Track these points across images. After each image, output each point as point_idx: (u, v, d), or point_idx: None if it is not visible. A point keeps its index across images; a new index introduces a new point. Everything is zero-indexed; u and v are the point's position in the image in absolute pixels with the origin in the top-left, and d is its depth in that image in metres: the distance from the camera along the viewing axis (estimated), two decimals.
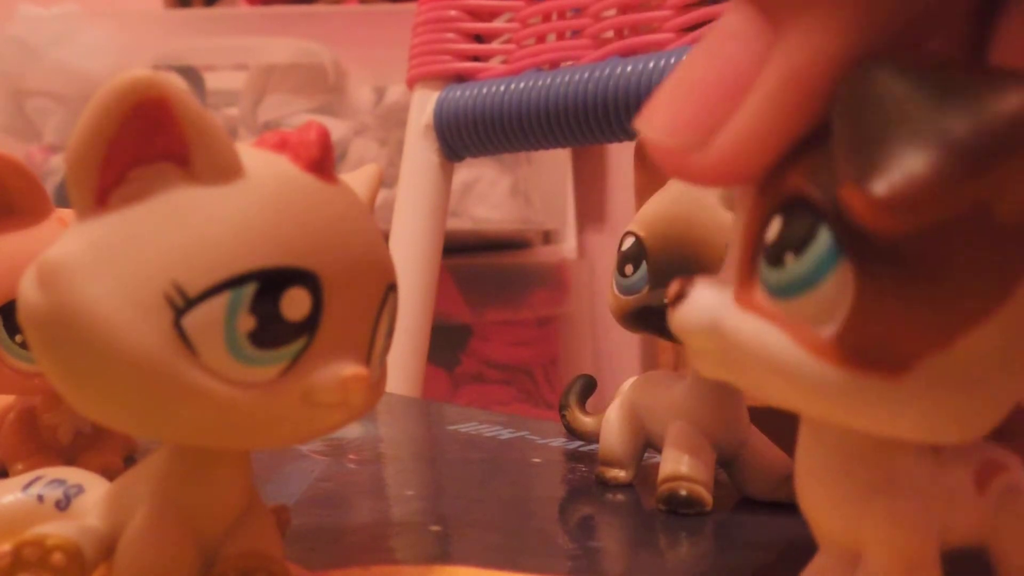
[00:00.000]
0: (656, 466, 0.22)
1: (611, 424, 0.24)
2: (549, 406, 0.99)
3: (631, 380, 0.25)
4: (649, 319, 0.21)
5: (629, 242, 0.22)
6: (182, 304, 0.12)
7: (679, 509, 0.21)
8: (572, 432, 0.28)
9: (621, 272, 0.22)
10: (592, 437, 0.27)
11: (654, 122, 0.12)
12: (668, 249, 0.21)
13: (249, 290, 0.12)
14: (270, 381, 0.13)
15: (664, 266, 0.21)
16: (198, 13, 1.05)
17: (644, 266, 0.21)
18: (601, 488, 0.24)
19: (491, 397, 0.98)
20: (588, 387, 0.28)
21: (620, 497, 0.23)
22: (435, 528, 0.20)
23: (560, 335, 1.04)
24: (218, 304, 0.12)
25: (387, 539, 0.19)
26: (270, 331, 0.13)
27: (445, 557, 0.18)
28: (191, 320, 0.12)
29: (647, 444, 0.24)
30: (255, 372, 0.13)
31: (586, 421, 0.28)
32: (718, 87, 0.11)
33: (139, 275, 0.12)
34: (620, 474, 0.24)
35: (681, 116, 0.12)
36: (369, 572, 0.17)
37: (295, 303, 0.13)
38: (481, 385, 0.99)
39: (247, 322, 0.12)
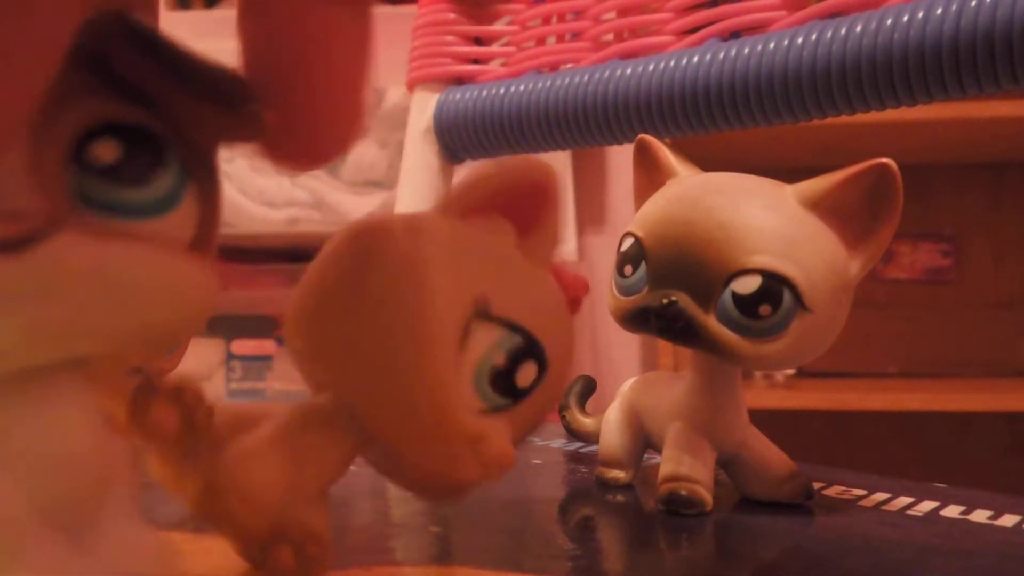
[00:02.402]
0: (656, 467, 0.22)
1: (611, 425, 0.24)
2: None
3: (630, 381, 0.25)
4: (648, 319, 0.21)
5: (628, 243, 0.22)
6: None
7: (679, 509, 0.21)
8: (572, 433, 0.28)
9: (620, 273, 0.22)
10: (592, 438, 0.27)
11: None
12: (667, 250, 0.21)
13: (517, 340, 0.14)
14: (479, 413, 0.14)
15: (663, 267, 0.21)
16: (198, 15, 1.06)
17: (643, 267, 0.21)
18: (601, 489, 0.24)
19: None
20: (588, 388, 0.28)
21: (620, 498, 0.23)
22: (435, 529, 0.20)
23: None
24: (492, 335, 0.14)
25: (387, 540, 0.19)
26: (506, 381, 0.14)
27: (445, 558, 0.18)
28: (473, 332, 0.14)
29: (647, 445, 0.24)
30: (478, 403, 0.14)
31: (586, 422, 0.28)
32: None
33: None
34: (620, 475, 0.24)
35: None
36: (370, 573, 0.17)
37: (527, 372, 0.14)
38: None
39: (498, 359, 0.14)
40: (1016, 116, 0.89)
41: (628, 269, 0.22)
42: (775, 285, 0.19)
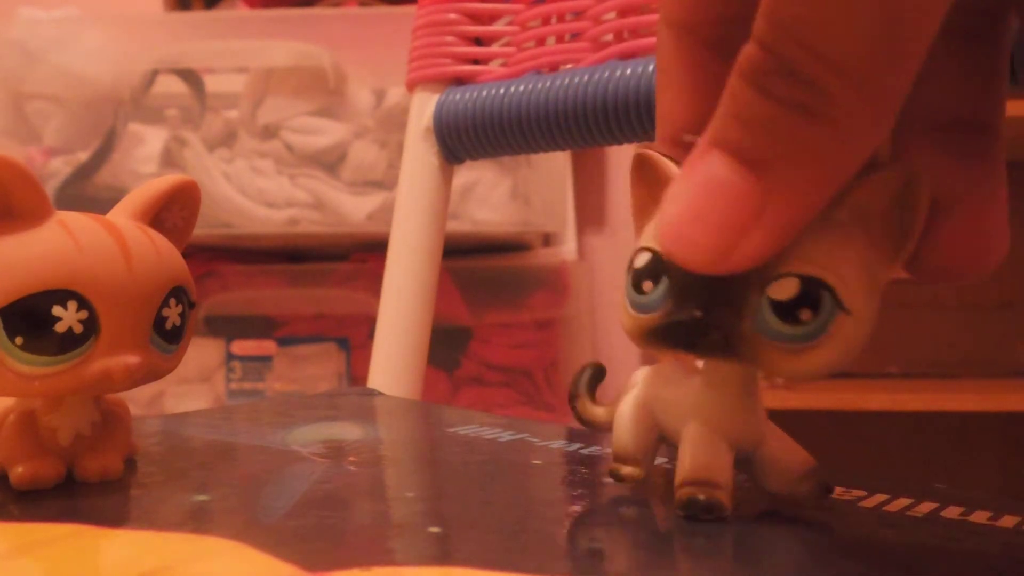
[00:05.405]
0: (662, 468, 0.22)
1: (624, 419, 0.23)
2: (549, 408, 0.99)
3: (643, 371, 0.24)
4: (678, 335, 0.20)
5: (645, 258, 0.21)
6: None
7: (699, 515, 0.21)
8: (583, 422, 0.27)
9: (638, 290, 0.21)
10: (604, 427, 0.26)
11: (688, 245, 0.18)
12: None
13: None
14: None
15: (688, 279, 0.19)
16: (198, 16, 1.06)
17: (664, 281, 0.20)
18: (601, 489, 0.24)
19: (491, 399, 0.98)
20: (597, 375, 0.28)
21: (621, 499, 0.23)
22: (435, 530, 0.20)
23: (560, 337, 1.04)
24: None
25: (387, 540, 0.19)
26: None
27: (445, 558, 0.18)
28: None
29: (661, 439, 0.23)
30: None
31: (598, 411, 0.27)
32: (731, 221, 0.17)
33: None
34: (635, 471, 0.23)
35: (710, 240, 0.18)
36: (369, 573, 0.17)
37: None
38: (481, 387, 0.99)
39: None
40: (1016, 116, 0.89)
41: (647, 285, 0.20)
42: (813, 288, 0.18)
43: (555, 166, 1.05)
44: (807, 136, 0.17)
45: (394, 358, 0.47)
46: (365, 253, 0.96)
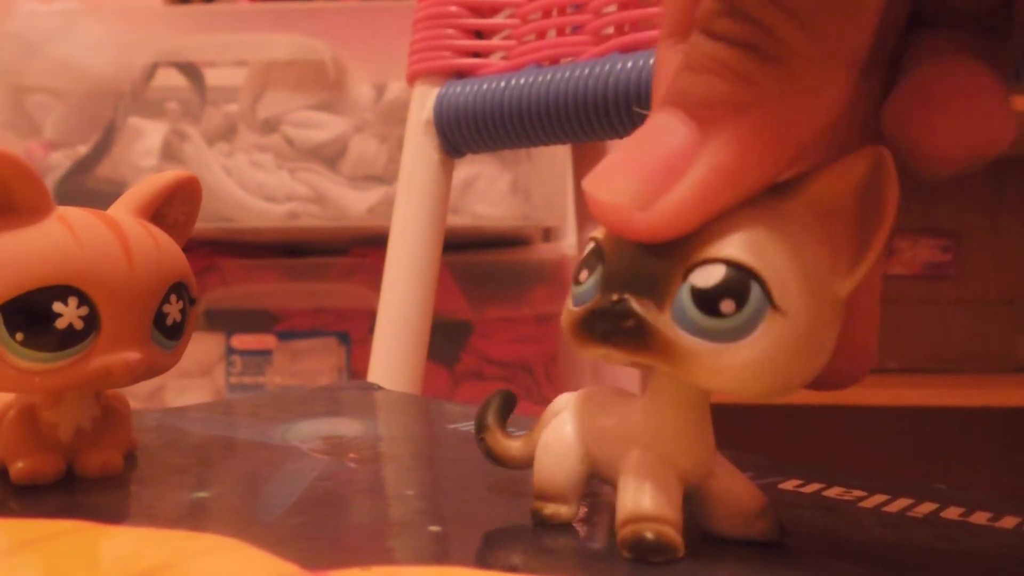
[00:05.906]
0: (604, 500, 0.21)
1: (549, 449, 0.20)
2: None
3: (566, 398, 0.21)
4: (594, 323, 0.18)
5: (589, 247, 0.19)
6: None
7: (648, 556, 0.18)
8: (493, 458, 0.23)
9: (576, 279, 0.19)
10: (518, 463, 0.22)
11: (605, 186, 0.17)
12: (624, 248, 0.18)
13: None
14: None
15: (617, 267, 0.18)
16: (198, 9, 1.05)
17: (599, 270, 0.18)
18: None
19: None
20: (508, 404, 0.23)
21: None
22: (435, 528, 0.20)
23: (560, 333, 1.04)
24: None
25: (386, 539, 0.19)
26: None
27: (444, 557, 0.18)
28: None
29: (592, 475, 0.20)
30: None
31: (512, 445, 0.22)
32: (659, 167, 0.16)
33: None
34: (562, 510, 0.20)
35: (630, 184, 0.16)
36: (369, 572, 0.17)
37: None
38: (481, 382, 0.99)
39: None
40: (1016, 112, 0.89)
41: (583, 275, 0.18)
42: (741, 278, 0.16)
43: (555, 160, 1.05)
44: (753, 75, 0.16)
45: (394, 352, 0.47)
46: (365, 247, 0.96)
